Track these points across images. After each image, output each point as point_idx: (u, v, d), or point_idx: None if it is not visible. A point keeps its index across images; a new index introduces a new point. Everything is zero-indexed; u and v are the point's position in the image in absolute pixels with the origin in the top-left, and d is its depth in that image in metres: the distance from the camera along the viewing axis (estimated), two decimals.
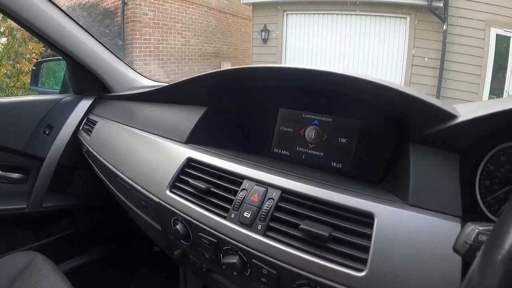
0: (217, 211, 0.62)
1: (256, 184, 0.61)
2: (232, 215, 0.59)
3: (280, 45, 6.36)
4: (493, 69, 5.05)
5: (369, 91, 0.61)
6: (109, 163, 0.96)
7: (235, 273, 0.59)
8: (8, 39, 3.49)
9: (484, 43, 4.96)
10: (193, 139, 0.82)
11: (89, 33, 1.28)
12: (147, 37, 6.15)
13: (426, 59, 5.30)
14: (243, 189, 0.61)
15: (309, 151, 0.79)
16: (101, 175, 1.11)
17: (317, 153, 0.78)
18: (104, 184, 1.25)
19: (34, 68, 1.67)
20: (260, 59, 6.54)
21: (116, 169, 0.91)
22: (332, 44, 5.94)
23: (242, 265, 0.57)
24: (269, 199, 0.57)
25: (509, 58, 4.98)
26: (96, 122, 1.22)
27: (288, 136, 0.82)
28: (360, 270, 0.44)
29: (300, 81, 0.73)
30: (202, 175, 0.69)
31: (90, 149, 1.13)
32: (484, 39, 4.96)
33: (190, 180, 0.67)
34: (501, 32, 4.94)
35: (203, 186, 0.65)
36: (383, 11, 5.62)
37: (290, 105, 0.83)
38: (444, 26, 5.09)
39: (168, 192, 0.71)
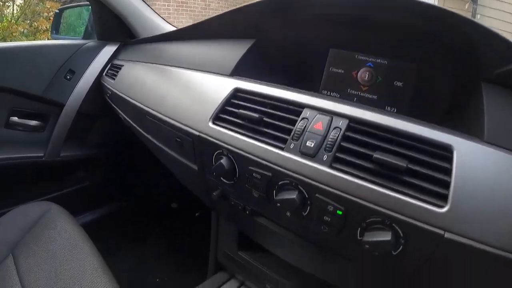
0: (273, 142, 0.55)
1: (319, 113, 0.54)
2: (292, 145, 0.52)
3: None
4: None
5: (439, 20, 0.55)
6: (137, 102, 0.89)
7: (289, 213, 0.53)
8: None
9: None
10: (239, 72, 0.74)
11: None
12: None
13: None
14: (303, 118, 0.54)
15: (361, 94, 0.74)
16: (126, 117, 1.04)
17: (370, 96, 0.73)
18: (124, 135, 1.19)
19: (57, 11, 1.59)
20: None
21: (146, 107, 0.84)
22: None
23: (301, 202, 0.50)
24: (335, 128, 0.51)
25: None
26: (122, 65, 1.15)
27: (338, 77, 0.76)
28: (441, 207, 0.40)
29: (355, 8, 0.66)
30: (253, 106, 0.62)
31: (115, 91, 1.06)
32: None
33: (239, 110, 0.60)
34: None
35: (255, 115, 0.58)
36: None
37: (341, 46, 0.76)
38: (474, 5, 4.90)
39: (211, 124, 0.64)
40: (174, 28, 1.31)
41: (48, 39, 3.31)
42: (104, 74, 1.26)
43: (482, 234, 0.38)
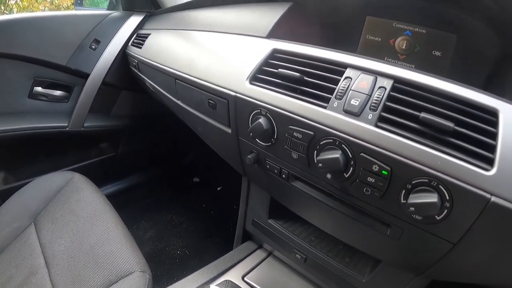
0: (315, 101, 0.53)
1: (362, 73, 0.52)
2: (335, 104, 0.51)
3: None
4: None
5: None
6: (166, 66, 0.87)
7: (329, 175, 0.51)
8: None
9: None
10: (275, 35, 0.72)
11: None
12: None
13: None
14: (346, 77, 0.52)
15: (398, 62, 0.72)
16: (155, 84, 1.02)
17: (408, 64, 0.71)
18: (148, 107, 1.17)
19: None
20: None
21: (178, 71, 0.82)
22: None
23: (344, 162, 0.48)
24: (380, 87, 0.49)
25: None
26: (148, 34, 1.12)
27: (375, 45, 0.74)
28: (487, 170, 0.39)
29: None
30: (293, 65, 0.59)
31: (143, 58, 1.04)
32: None
33: (279, 70, 0.59)
34: None
35: (296, 74, 0.56)
36: None
37: (379, 13, 0.74)
38: None
39: (248, 84, 0.62)
40: None
41: None
42: (129, 44, 1.24)
43: None
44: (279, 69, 0.59)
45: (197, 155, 1.75)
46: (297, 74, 0.56)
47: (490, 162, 0.40)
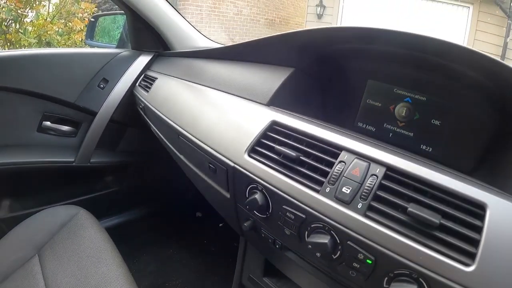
0: (309, 183, 0.54)
1: (356, 158, 0.52)
2: (327, 189, 0.51)
3: (335, 22, 6.17)
4: None
5: (483, 69, 0.54)
6: (171, 121, 0.89)
7: (318, 254, 0.52)
8: None
9: None
10: (275, 102, 0.73)
11: None
12: (199, 4, 5.98)
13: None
14: (341, 161, 0.53)
15: (397, 130, 0.72)
16: (159, 133, 1.05)
17: (407, 132, 0.71)
18: (154, 143, 1.20)
19: (92, 19, 1.62)
20: None
21: (181, 128, 0.83)
22: (388, 25, 5.70)
23: (332, 247, 0.50)
24: (372, 175, 0.50)
25: None
26: (156, 78, 1.15)
27: (375, 110, 0.74)
28: (467, 265, 0.40)
29: (396, 47, 0.64)
30: (289, 141, 0.61)
31: (149, 105, 1.07)
32: None
33: (276, 146, 0.60)
34: None
35: (293, 154, 0.56)
36: None
37: (379, 78, 0.74)
38: (509, 21, 4.75)
39: (246, 156, 0.63)
40: (210, 42, 1.31)
41: (82, 39, 3.41)
42: (137, 84, 1.27)
43: None
44: (276, 146, 0.60)
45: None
46: (294, 154, 0.57)
47: (472, 256, 0.40)
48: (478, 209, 0.43)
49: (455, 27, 5.36)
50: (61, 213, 0.98)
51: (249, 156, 0.63)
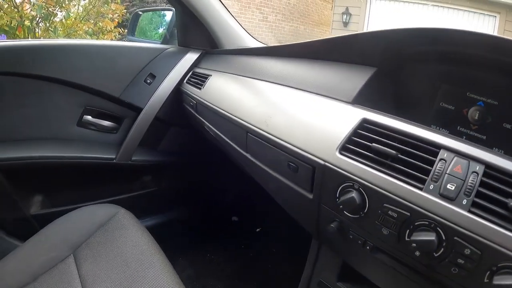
0: (411, 181, 0.53)
1: (456, 156, 0.53)
2: (431, 186, 0.52)
3: (361, 30, 6.18)
4: None
5: None
6: (238, 118, 0.86)
7: (418, 253, 0.51)
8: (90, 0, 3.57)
9: None
10: (359, 100, 0.72)
11: None
12: None
13: None
14: (441, 159, 0.53)
15: (470, 132, 0.72)
16: (216, 130, 1.01)
17: (479, 135, 0.71)
18: (194, 144, 1.16)
19: (140, 12, 1.60)
20: None
21: (251, 125, 0.80)
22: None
23: (438, 244, 0.50)
24: (472, 172, 0.51)
25: None
26: (209, 75, 1.12)
27: (448, 113, 0.75)
28: None
29: (470, 48, 0.65)
30: (382, 139, 0.60)
31: (205, 101, 1.03)
32: None
33: (372, 144, 0.58)
34: None
35: (392, 152, 0.56)
36: (474, 6, 5.38)
37: (453, 82, 0.75)
38: None
39: (338, 154, 0.61)
40: (258, 42, 1.27)
41: (111, 39, 3.44)
42: (184, 81, 1.24)
43: None
44: (373, 143, 0.58)
45: (238, 193, 1.73)
46: (393, 151, 0.56)
47: None
48: None
49: None
50: (99, 212, 0.94)
51: (341, 154, 0.61)
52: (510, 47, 0.57)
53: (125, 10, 3.68)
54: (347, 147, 0.62)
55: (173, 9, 1.42)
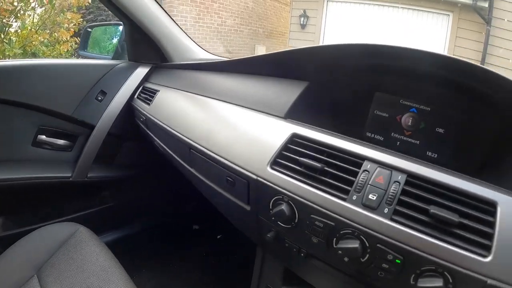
0: (335, 192, 0.57)
1: (379, 166, 0.57)
2: (354, 197, 0.55)
3: (318, 32, 6.28)
4: None
5: (479, 77, 0.60)
6: (181, 134, 0.89)
7: (346, 259, 0.55)
8: (45, 9, 3.46)
9: None
10: (292, 115, 0.75)
11: None
12: (184, 15, 6.02)
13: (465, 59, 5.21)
14: (364, 171, 0.57)
15: (404, 138, 0.76)
16: (165, 146, 1.03)
17: (413, 141, 0.75)
18: (150, 156, 1.18)
19: (89, 29, 1.59)
20: (297, 45, 6.47)
21: (193, 141, 0.83)
22: (371, 36, 5.85)
23: (362, 251, 0.53)
24: (394, 182, 0.54)
25: None
26: (157, 90, 1.14)
27: (383, 121, 0.78)
28: (485, 256, 0.45)
29: (401, 61, 0.69)
30: (311, 153, 0.63)
31: (152, 118, 1.05)
32: None
33: (300, 158, 0.62)
34: None
35: (317, 165, 0.59)
36: (427, 6, 5.59)
37: (386, 90, 0.78)
38: (488, 27, 4.95)
39: (269, 169, 0.65)
40: (209, 54, 1.31)
41: (67, 50, 3.35)
42: (135, 96, 1.25)
43: None
44: (301, 158, 0.62)
45: (197, 202, 1.74)
46: (319, 165, 0.59)
47: (488, 248, 0.45)
48: (490, 207, 0.48)
49: (436, 34, 5.57)
50: (59, 231, 0.95)
51: (272, 168, 0.65)
52: (435, 60, 0.61)
53: (82, 19, 3.59)
54: (278, 162, 0.65)
55: (122, 23, 1.42)
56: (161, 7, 1.25)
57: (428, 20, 5.60)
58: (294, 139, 0.67)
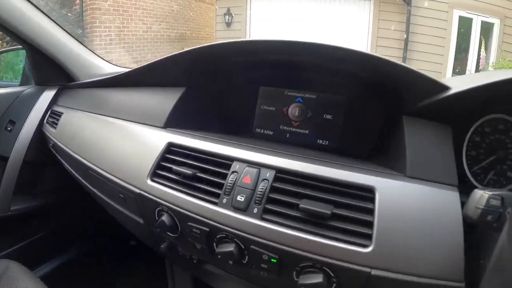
0: (207, 197, 0.58)
1: (247, 166, 0.57)
2: (224, 200, 0.56)
3: (244, 29, 6.27)
4: (455, 50, 5.28)
5: (359, 63, 0.61)
6: (79, 156, 0.89)
7: (231, 262, 0.56)
8: None
9: (447, 24, 5.16)
10: (172, 123, 0.76)
11: (49, 17, 1.16)
12: (108, 25, 5.76)
13: (390, 40, 5.44)
14: (233, 172, 0.58)
15: (293, 129, 0.78)
16: (71, 169, 1.03)
17: (302, 131, 0.76)
18: (74, 179, 1.16)
19: None
20: None
21: (88, 162, 0.84)
22: (296, 27, 5.88)
23: (239, 253, 0.54)
24: (263, 180, 0.55)
25: (471, 39, 5.22)
26: (62, 113, 1.12)
27: (270, 115, 0.80)
28: (365, 246, 0.44)
29: (278, 54, 0.70)
30: (186, 160, 0.64)
31: (58, 142, 1.04)
32: (447, 20, 5.16)
33: (173, 167, 0.63)
34: (464, 14, 5.17)
35: (189, 172, 0.60)
36: None
37: (271, 83, 0.80)
38: (408, 7, 5.20)
39: (149, 182, 0.66)
40: (113, 66, 1.30)
41: None
42: (45, 121, 1.23)
43: (409, 266, 0.42)
44: (174, 166, 0.63)
45: None
46: (190, 172, 0.60)
47: (369, 237, 0.44)
48: (368, 193, 0.48)
49: (360, 20, 5.68)
50: None
51: (152, 180, 0.66)
52: (314, 50, 0.61)
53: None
54: (157, 173, 0.66)
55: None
56: (58, 25, 1.22)
57: (350, 7, 5.70)
58: (171, 148, 0.68)
